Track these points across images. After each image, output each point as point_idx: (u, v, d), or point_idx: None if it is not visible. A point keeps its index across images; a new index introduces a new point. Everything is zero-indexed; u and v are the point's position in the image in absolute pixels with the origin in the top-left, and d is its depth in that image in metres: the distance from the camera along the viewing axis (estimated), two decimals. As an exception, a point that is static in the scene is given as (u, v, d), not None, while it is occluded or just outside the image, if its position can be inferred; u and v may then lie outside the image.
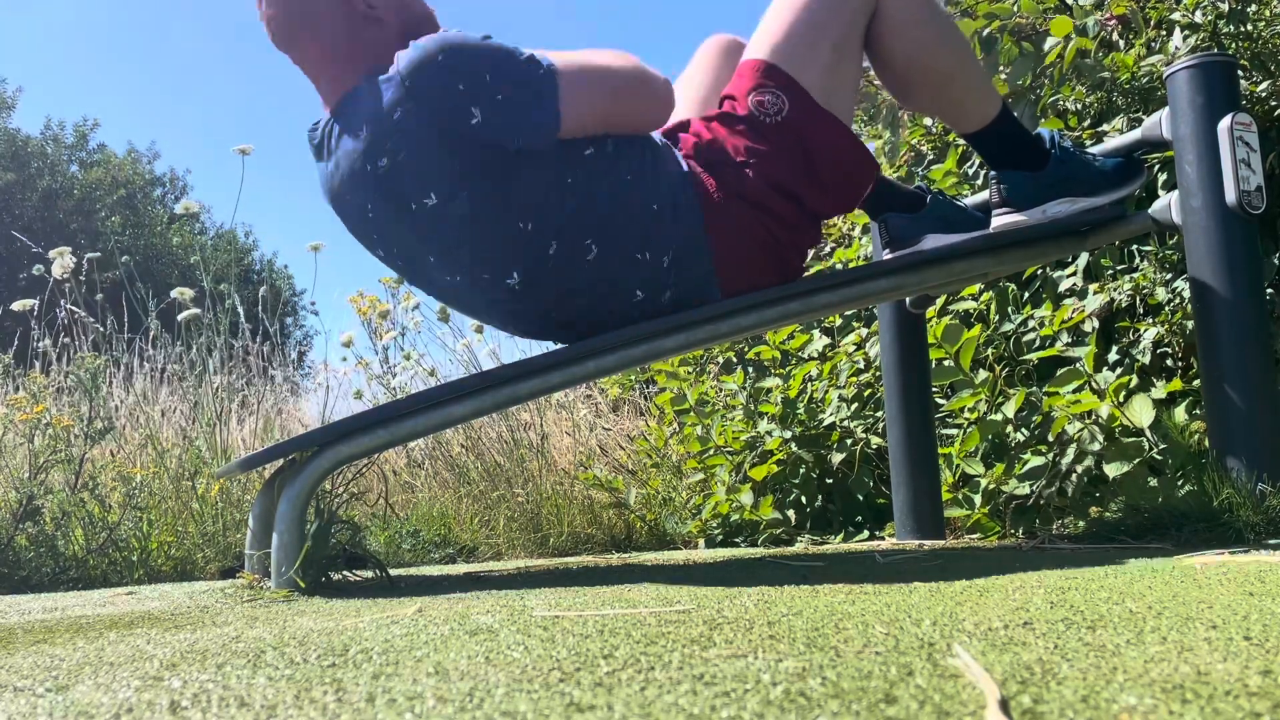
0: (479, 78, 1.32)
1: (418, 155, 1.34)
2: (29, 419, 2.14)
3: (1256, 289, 1.46)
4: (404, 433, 1.38)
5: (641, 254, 1.43)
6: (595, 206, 1.40)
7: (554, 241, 1.40)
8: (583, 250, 1.41)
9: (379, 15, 1.43)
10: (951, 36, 1.52)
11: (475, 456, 2.80)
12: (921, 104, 1.61)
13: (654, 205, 1.43)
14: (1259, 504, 1.34)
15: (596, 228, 1.41)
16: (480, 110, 1.32)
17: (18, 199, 22.66)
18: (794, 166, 1.45)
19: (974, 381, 1.90)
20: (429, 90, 1.32)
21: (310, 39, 1.43)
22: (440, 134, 1.33)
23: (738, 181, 1.44)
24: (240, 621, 1.02)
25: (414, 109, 1.32)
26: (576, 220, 1.40)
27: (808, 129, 1.45)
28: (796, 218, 1.48)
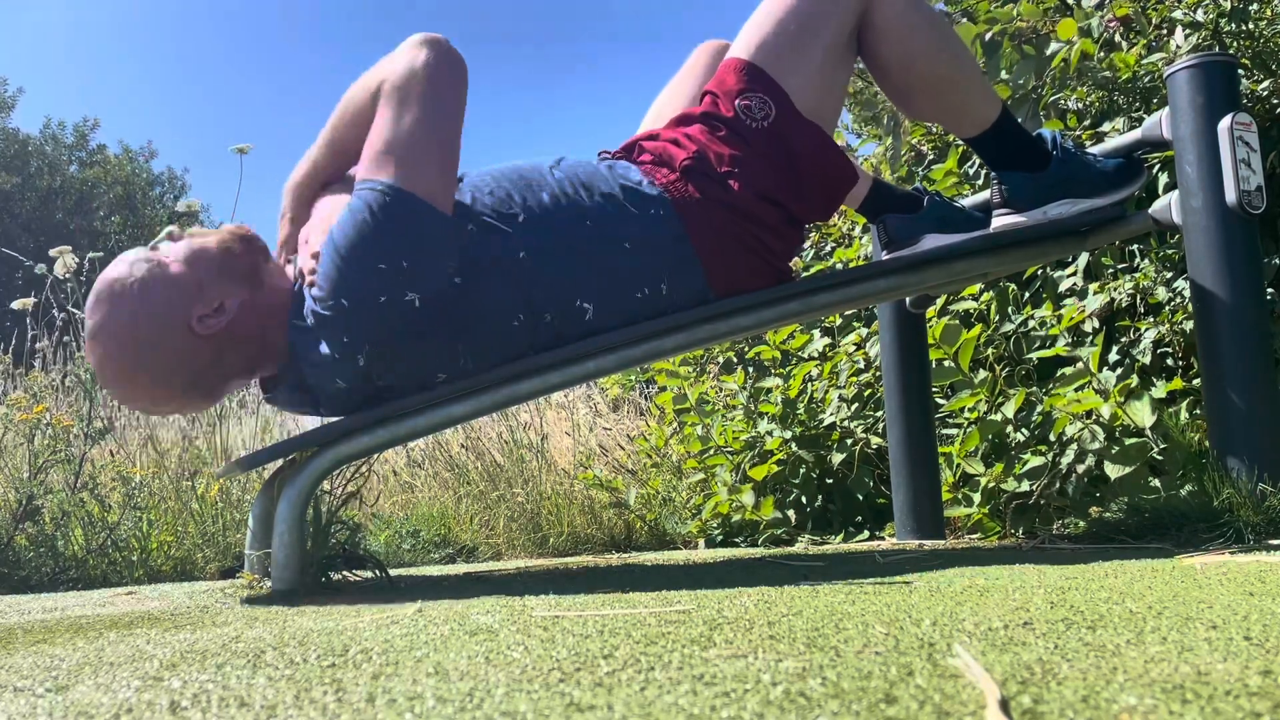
0: (377, 273, 1.26)
1: (416, 359, 1.32)
2: (29, 419, 2.14)
3: (1256, 289, 1.46)
4: (404, 433, 1.38)
5: (639, 291, 1.40)
6: (565, 270, 1.36)
7: (547, 314, 1.36)
8: (580, 313, 1.38)
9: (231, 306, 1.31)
10: (947, 41, 1.50)
11: (475, 456, 2.80)
12: (921, 111, 1.59)
13: (625, 244, 1.39)
14: (1259, 504, 1.34)
15: (581, 289, 1.37)
16: (410, 288, 1.27)
17: (17, 199, 22.66)
18: (778, 174, 1.43)
19: (973, 382, 1.90)
20: (370, 326, 1.27)
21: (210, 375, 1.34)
22: (414, 330, 1.29)
23: (724, 192, 1.42)
24: (240, 621, 1.02)
25: (373, 348, 1.28)
26: (557, 291, 1.36)
27: (792, 136, 1.43)
28: (781, 224, 1.47)
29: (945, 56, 1.49)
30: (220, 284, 1.31)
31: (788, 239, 1.50)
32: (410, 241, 1.27)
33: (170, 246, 1.34)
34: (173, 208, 15.14)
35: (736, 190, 1.42)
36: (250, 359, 1.37)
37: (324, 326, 1.28)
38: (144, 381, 1.30)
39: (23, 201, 22.70)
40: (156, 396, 1.33)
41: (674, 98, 1.70)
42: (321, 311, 1.28)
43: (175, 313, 1.29)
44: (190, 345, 1.30)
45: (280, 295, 1.36)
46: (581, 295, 1.38)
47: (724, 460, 2.44)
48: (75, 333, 3.02)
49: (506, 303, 1.34)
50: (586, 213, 1.39)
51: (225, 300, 1.31)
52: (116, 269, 1.31)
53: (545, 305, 1.36)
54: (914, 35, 1.47)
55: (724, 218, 1.42)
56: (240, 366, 1.36)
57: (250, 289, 1.34)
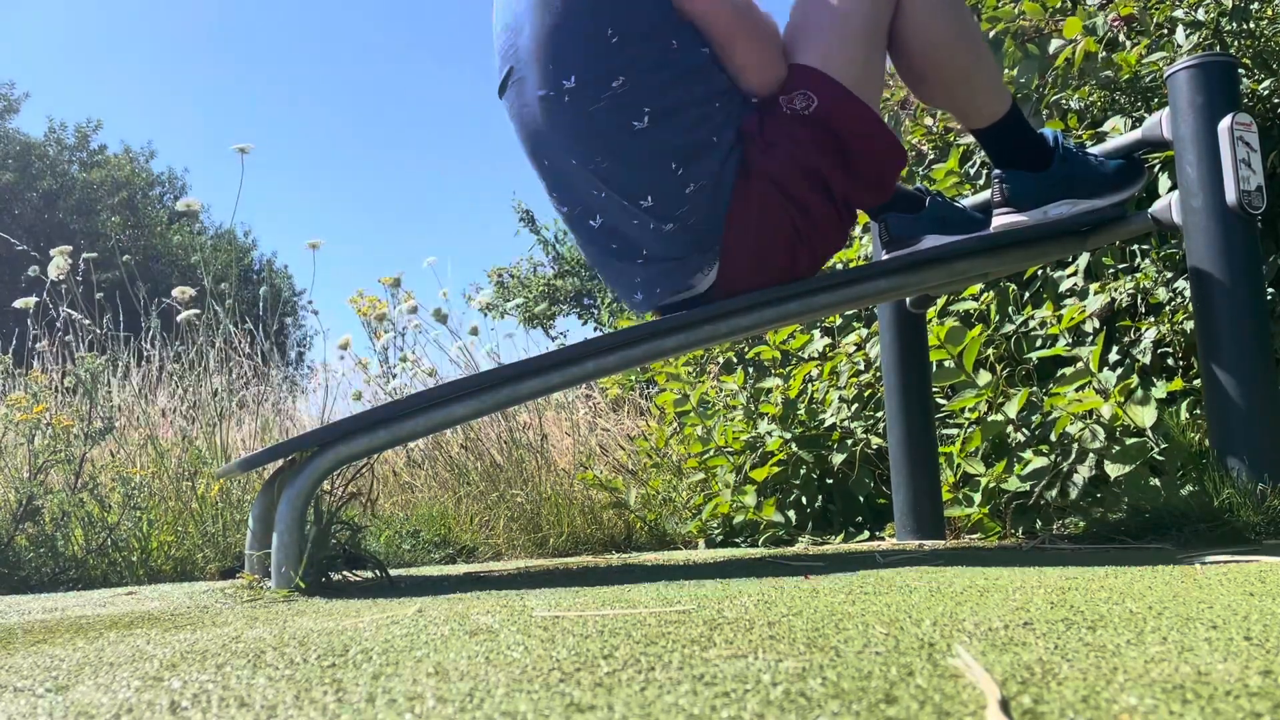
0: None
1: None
2: (29, 419, 2.14)
3: (1257, 289, 1.46)
4: (404, 433, 1.38)
5: (676, 165, 1.44)
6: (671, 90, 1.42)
7: (621, 76, 1.41)
8: (636, 115, 1.43)
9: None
10: (970, 32, 1.53)
11: (475, 457, 2.80)
12: (934, 96, 1.60)
13: (713, 137, 1.45)
14: (1260, 504, 1.34)
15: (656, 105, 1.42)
16: None
17: (19, 199, 22.67)
18: (825, 152, 1.46)
19: (976, 383, 1.90)
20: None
21: None
22: None
23: (766, 162, 1.45)
24: (240, 622, 1.01)
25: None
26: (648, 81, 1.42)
27: (839, 117, 1.45)
28: (822, 209, 1.47)
29: (964, 46, 1.51)
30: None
31: (825, 235, 1.50)
32: None
33: None
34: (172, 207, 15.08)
35: (780, 163, 1.44)
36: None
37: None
38: None
39: (24, 203, 22.71)
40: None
41: None
42: None
43: None
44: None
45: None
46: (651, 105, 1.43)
47: (724, 461, 2.44)
48: (75, 333, 3.02)
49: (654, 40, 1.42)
50: (727, 92, 1.48)
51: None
52: None
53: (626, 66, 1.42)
54: (937, 22, 1.50)
55: (765, 191, 1.45)
56: None
57: None
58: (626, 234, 1.49)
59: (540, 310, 9.81)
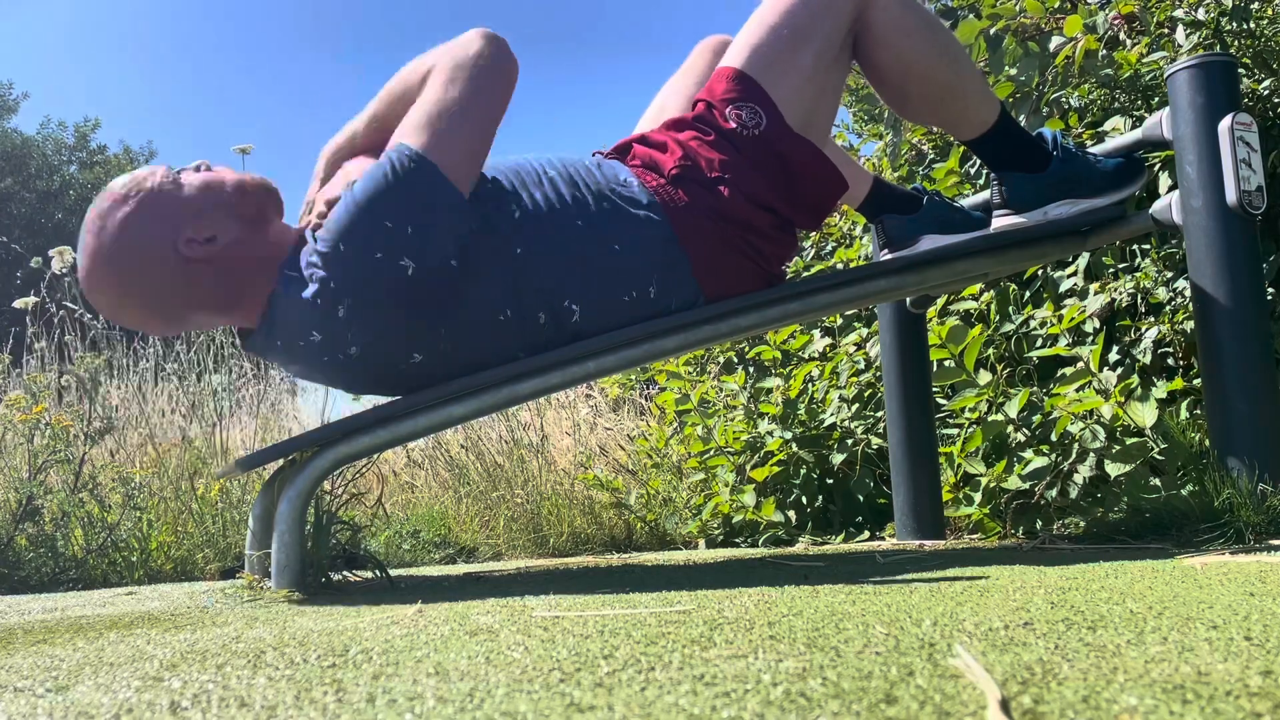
0: (384, 231, 1.27)
1: (388, 329, 1.31)
2: (29, 419, 2.14)
3: (1257, 289, 1.46)
4: (404, 433, 1.38)
5: (627, 294, 1.40)
6: (556, 269, 1.36)
7: (541, 314, 1.37)
8: (567, 314, 1.38)
9: (223, 239, 1.33)
10: (944, 45, 1.49)
11: (475, 457, 2.80)
12: (919, 114, 1.58)
13: (615, 245, 1.39)
14: (1260, 504, 1.34)
15: (569, 289, 1.37)
16: (407, 255, 1.28)
17: (16, 199, 22.66)
18: (769, 179, 1.43)
19: (977, 382, 1.90)
20: (359, 280, 1.27)
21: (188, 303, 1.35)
22: (394, 301, 1.29)
23: (714, 198, 1.41)
24: (240, 622, 1.01)
25: (356, 300, 1.28)
26: (546, 290, 1.36)
27: (783, 145, 1.43)
28: (773, 229, 1.46)
29: (943, 61, 1.48)
30: (220, 218, 1.34)
31: (780, 243, 1.49)
32: (421, 210, 1.29)
33: (192, 175, 1.37)
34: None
35: (726, 196, 1.41)
36: (225, 299, 1.36)
37: (316, 267, 1.29)
38: (112, 281, 1.32)
39: (22, 203, 22.70)
40: (120, 300, 1.34)
41: (674, 95, 1.69)
42: (320, 249, 1.29)
43: (166, 227, 1.31)
44: (166, 262, 1.31)
45: (277, 249, 1.36)
46: (569, 295, 1.38)
47: (724, 461, 2.44)
48: (75, 332, 3.02)
49: (496, 294, 1.34)
50: (579, 212, 1.39)
51: (219, 233, 1.33)
52: (144, 170, 1.35)
53: (535, 303, 1.36)
54: (910, 39, 1.46)
55: (714, 223, 1.42)
56: (212, 303, 1.36)
57: (249, 232, 1.35)
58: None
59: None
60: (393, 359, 1.34)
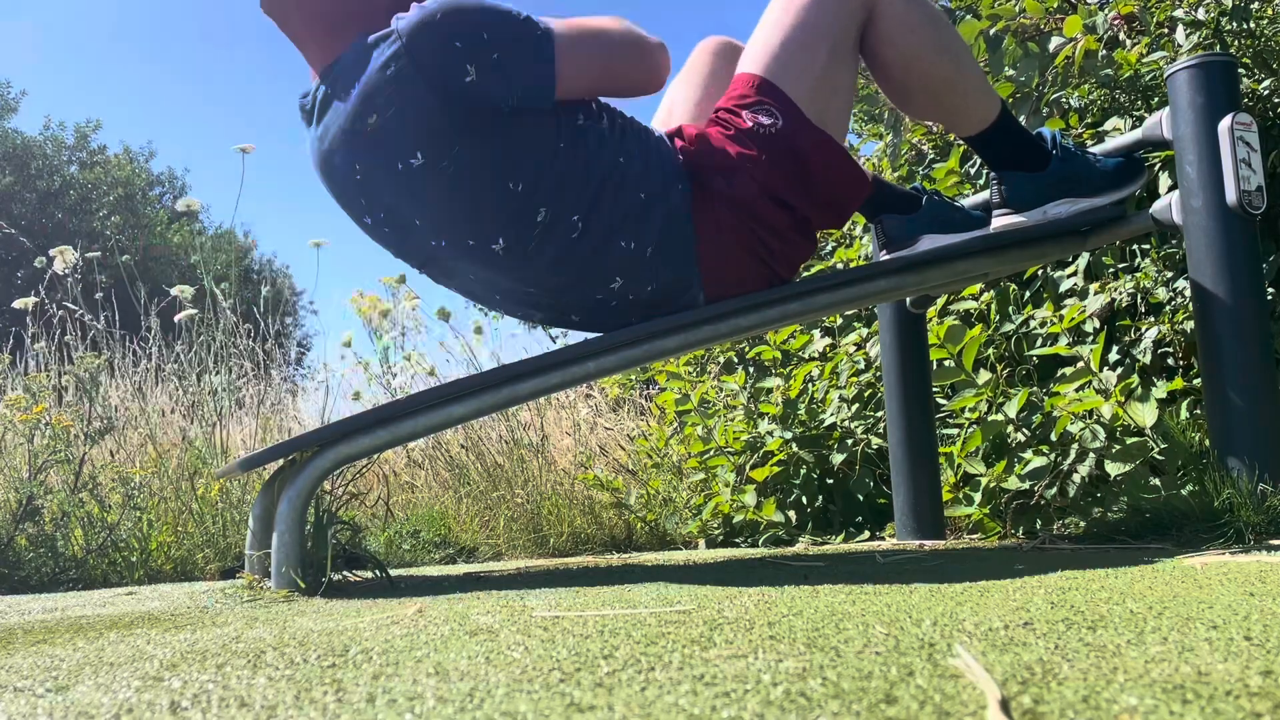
0: (476, 37, 1.31)
1: (408, 113, 1.33)
2: (29, 419, 2.14)
3: (1257, 289, 1.46)
4: (404, 433, 1.38)
5: (626, 242, 1.42)
6: (586, 180, 1.40)
7: (542, 208, 1.39)
8: (569, 226, 1.40)
9: None
10: (948, 41, 1.51)
11: (475, 457, 2.80)
12: (922, 110, 1.59)
13: (642, 194, 1.42)
14: (1260, 504, 1.34)
15: (585, 203, 1.40)
16: (475, 69, 1.31)
17: (16, 200, 22.66)
18: (788, 175, 1.44)
19: (976, 382, 1.90)
20: (425, 48, 1.30)
21: (300, 4, 1.42)
22: (432, 92, 1.31)
23: (728, 186, 1.43)
24: (240, 622, 1.01)
25: (408, 66, 1.31)
26: (566, 190, 1.39)
27: (803, 143, 1.44)
28: (788, 227, 1.47)
29: (946, 57, 1.49)
30: None
31: (794, 245, 1.49)
32: (516, 58, 1.33)
33: None
34: (172, 207, 15.07)
35: (742, 186, 1.43)
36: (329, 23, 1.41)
37: (400, 21, 1.32)
38: None
39: (22, 203, 22.70)
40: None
41: (683, 96, 1.71)
42: (427, 6, 1.32)
43: None
44: None
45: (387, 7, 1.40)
46: (579, 211, 1.40)
47: (724, 461, 2.44)
48: (74, 331, 3.02)
49: (515, 163, 1.37)
50: (627, 150, 1.43)
51: None
52: None
53: (544, 198, 1.38)
54: (914, 35, 1.48)
55: (728, 211, 1.44)
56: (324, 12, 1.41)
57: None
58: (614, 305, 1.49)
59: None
60: (399, 149, 1.35)
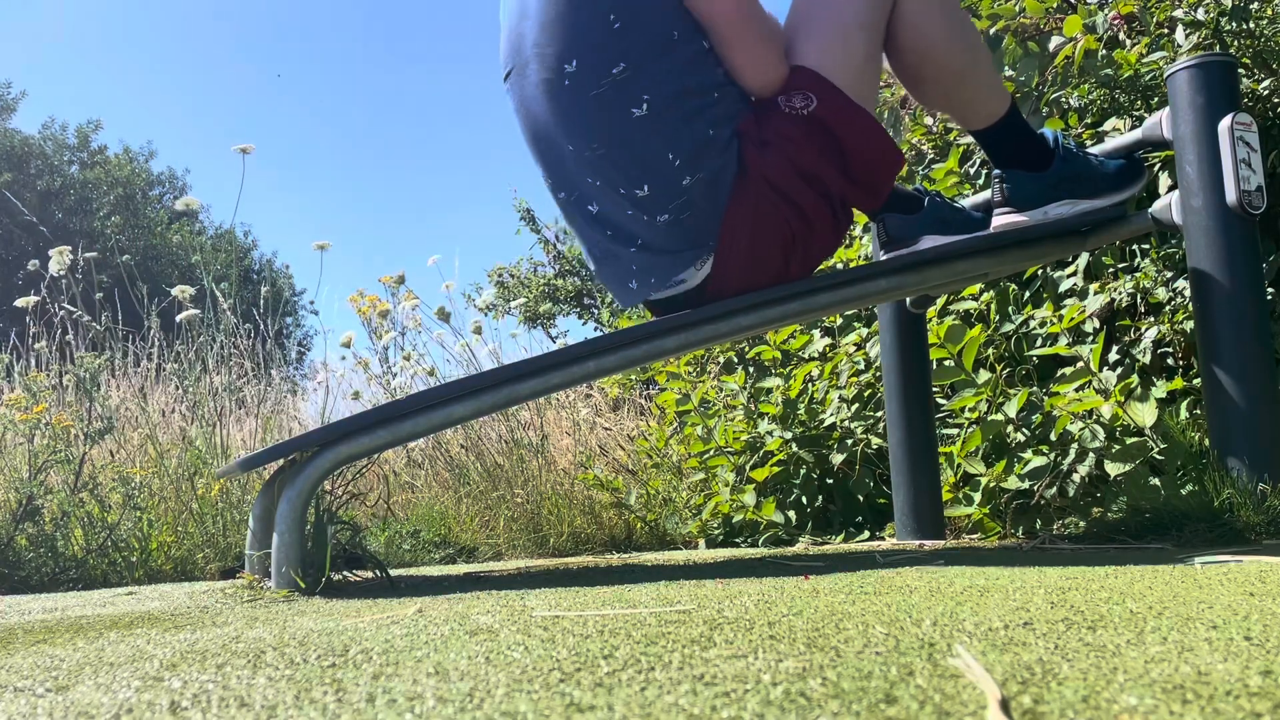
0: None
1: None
2: (29, 419, 2.14)
3: (1257, 289, 1.46)
4: (404, 433, 1.38)
5: (674, 157, 1.43)
6: (671, 79, 1.42)
7: (623, 62, 1.42)
8: (635, 102, 1.42)
9: None
10: (966, 33, 1.52)
11: (475, 457, 2.80)
12: (932, 98, 1.60)
13: (710, 131, 1.44)
14: (1260, 504, 1.34)
15: (655, 93, 1.42)
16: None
17: (16, 199, 22.67)
18: (822, 153, 1.45)
19: (976, 382, 1.90)
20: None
21: None
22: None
23: (762, 163, 1.44)
24: (240, 622, 1.01)
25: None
26: (649, 69, 1.41)
27: (837, 119, 1.45)
28: (817, 210, 1.47)
29: (961, 47, 1.51)
30: None
31: (820, 233, 1.50)
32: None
33: None
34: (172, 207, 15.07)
35: (774, 160, 1.44)
36: None
37: None
38: None
39: (22, 202, 22.70)
40: None
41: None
42: None
43: None
44: None
45: None
46: (651, 95, 1.42)
47: (724, 461, 2.44)
48: (75, 331, 3.02)
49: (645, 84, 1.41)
50: (720, 91, 1.47)
51: None
52: None
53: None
54: (933, 24, 1.50)
55: (761, 190, 1.44)
56: None
57: None
58: (620, 224, 1.49)
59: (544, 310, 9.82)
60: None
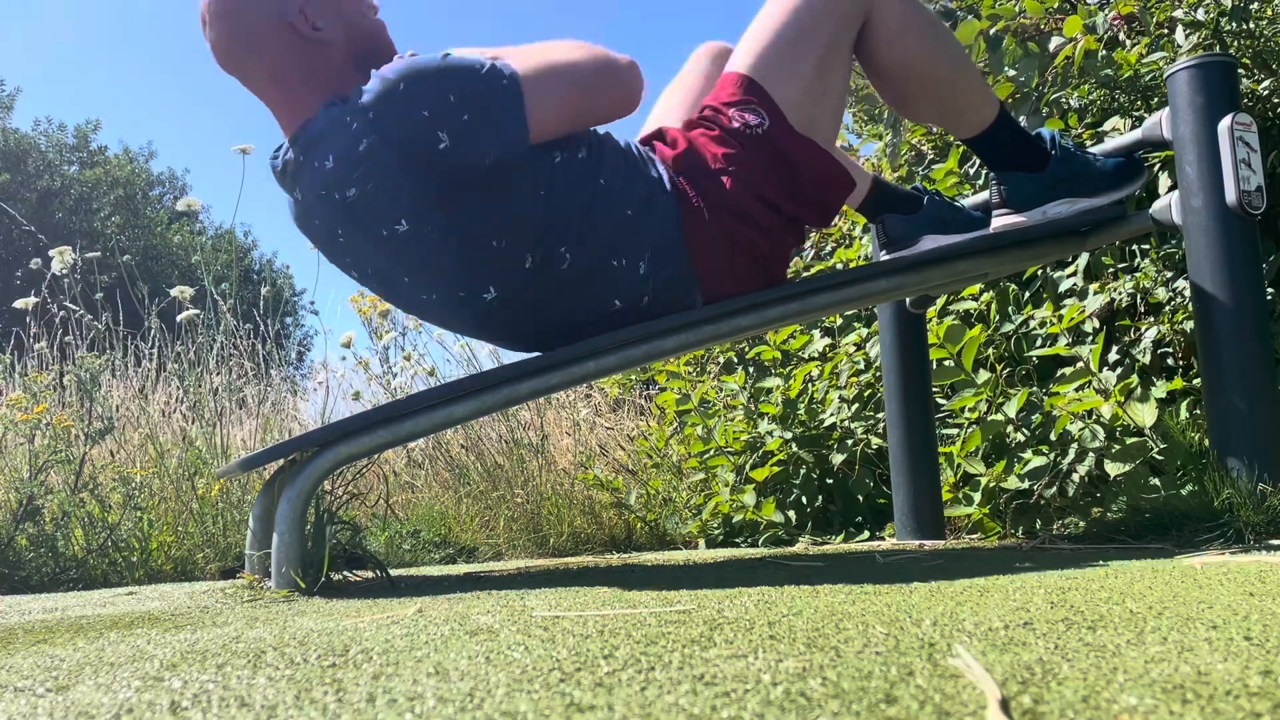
0: (443, 101, 1.28)
1: (387, 185, 1.31)
2: (29, 419, 2.14)
3: (1257, 289, 1.46)
4: (404, 433, 1.38)
5: (617, 260, 1.41)
6: (568, 215, 1.38)
7: (528, 255, 1.38)
8: (558, 259, 1.39)
9: (325, 37, 1.39)
10: (946, 43, 1.50)
11: (475, 457, 2.80)
12: (920, 113, 1.59)
13: (627, 210, 1.41)
14: (1260, 504, 1.34)
15: (570, 237, 1.39)
16: (448, 134, 1.29)
17: (16, 199, 22.66)
18: (774, 176, 1.44)
19: (976, 382, 1.90)
20: (395, 122, 1.28)
21: (258, 64, 1.39)
22: (409, 163, 1.30)
23: (717, 190, 1.42)
24: (240, 622, 1.02)
25: (379, 142, 1.29)
26: (550, 231, 1.38)
27: (788, 145, 1.44)
28: (776, 226, 1.46)
29: (943, 59, 1.49)
30: (330, 12, 1.40)
31: (784, 244, 1.49)
32: (485, 115, 1.31)
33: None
34: (173, 207, 15.12)
35: (729, 188, 1.42)
36: (297, 80, 1.40)
37: (368, 94, 1.30)
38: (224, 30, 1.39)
39: (21, 203, 22.69)
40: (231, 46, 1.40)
41: (677, 99, 1.70)
42: (386, 76, 1.30)
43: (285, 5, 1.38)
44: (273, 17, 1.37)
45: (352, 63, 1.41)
46: (567, 243, 1.39)
47: (724, 461, 2.44)
48: (75, 331, 3.02)
49: (496, 220, 1.35)
50: (612, 169, 1.42)
51: (326, 26, 1.39)
52: None
53: (528, 240, 1.37)
54: (912, 39, 1.47)
55: (716, 214, 1.43)
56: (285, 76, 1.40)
57: (343, 37, 1.41)
58: (608, 316, 1.47)
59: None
60: (381, 218, 1.34)
